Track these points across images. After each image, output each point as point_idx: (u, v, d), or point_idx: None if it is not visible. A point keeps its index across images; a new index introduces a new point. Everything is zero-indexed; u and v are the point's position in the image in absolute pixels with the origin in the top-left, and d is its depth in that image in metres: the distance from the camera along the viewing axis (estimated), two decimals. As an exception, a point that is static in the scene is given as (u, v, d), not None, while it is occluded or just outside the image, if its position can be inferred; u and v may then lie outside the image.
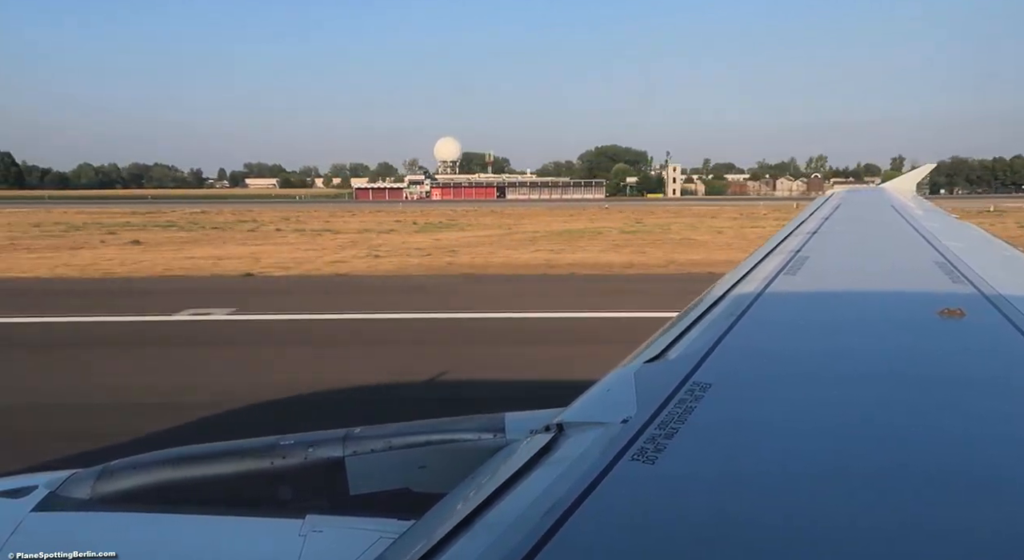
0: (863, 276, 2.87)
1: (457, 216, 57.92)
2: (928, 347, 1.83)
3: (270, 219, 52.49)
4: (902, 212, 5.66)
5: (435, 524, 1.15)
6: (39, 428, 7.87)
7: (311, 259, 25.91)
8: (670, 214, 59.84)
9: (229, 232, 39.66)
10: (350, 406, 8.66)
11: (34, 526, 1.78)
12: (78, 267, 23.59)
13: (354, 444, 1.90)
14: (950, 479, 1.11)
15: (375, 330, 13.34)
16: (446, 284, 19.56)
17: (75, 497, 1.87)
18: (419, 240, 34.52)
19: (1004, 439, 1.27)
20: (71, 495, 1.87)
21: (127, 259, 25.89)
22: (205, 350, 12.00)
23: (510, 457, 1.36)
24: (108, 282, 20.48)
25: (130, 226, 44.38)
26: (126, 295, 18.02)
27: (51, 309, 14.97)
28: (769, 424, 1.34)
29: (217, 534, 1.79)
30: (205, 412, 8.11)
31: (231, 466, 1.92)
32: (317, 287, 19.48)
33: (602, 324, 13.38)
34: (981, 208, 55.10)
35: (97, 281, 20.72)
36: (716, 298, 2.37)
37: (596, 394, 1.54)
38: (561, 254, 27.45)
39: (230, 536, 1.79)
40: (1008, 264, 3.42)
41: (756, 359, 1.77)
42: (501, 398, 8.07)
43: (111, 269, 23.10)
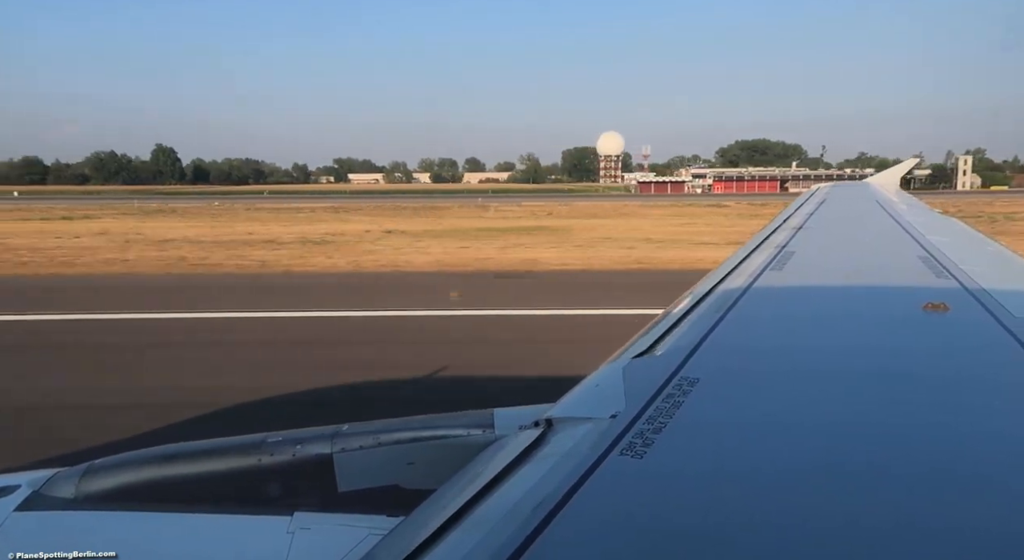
0: (849, 271, 2.89)
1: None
2: (913, 341, 1.85)
3: (565, 213, 50.27)
4: (886, 207, 5.70)
5: (424, 520, 1.15)
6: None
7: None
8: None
9: (565, 233, 34.05)
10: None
11: (17, 525, 1.76)
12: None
13: (342, 441, 1.89)
14: (935, 473, 1.12)
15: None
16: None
17: (59, 496, 1.85)
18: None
19: (988, 433, 1.29)
20: (55, 494, 1.85)
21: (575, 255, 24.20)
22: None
23: (499, 453, 1.36)
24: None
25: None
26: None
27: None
28: (756, 419, 1.34)
29: (204, 532, 1.78)
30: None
31: (218, 464, 1.90)
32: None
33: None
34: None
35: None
36: (703, 293, 2.38)
37: (585, 389, 1.54)
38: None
39: (218, 534, 1.78)
40: (990, 259, 3.46)
41: (743, 354, 1.78)
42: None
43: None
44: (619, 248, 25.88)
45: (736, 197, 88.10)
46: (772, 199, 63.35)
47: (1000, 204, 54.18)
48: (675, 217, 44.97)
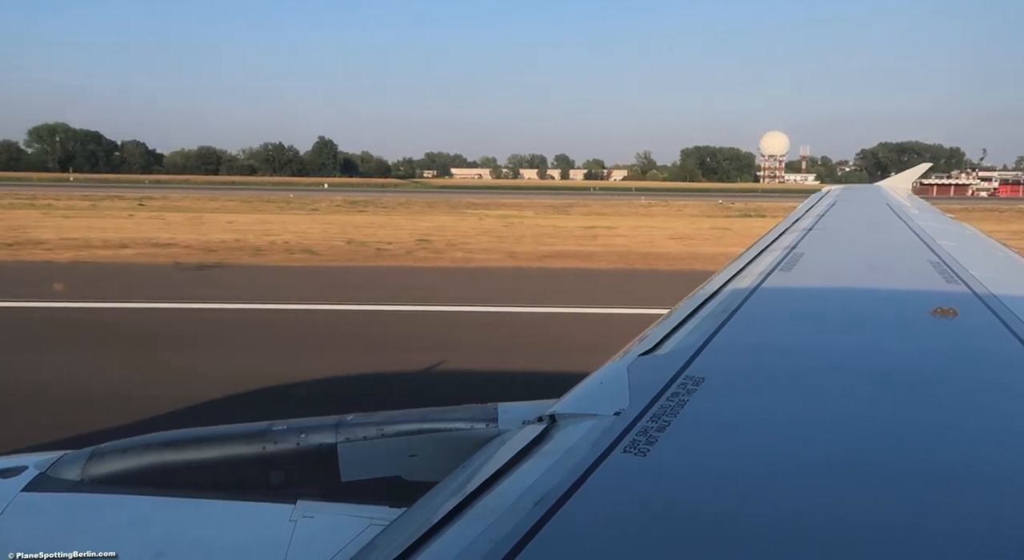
0: (857, 274, 2.87)
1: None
2: (920, 346, 1.84)
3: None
4: (898, 211, 5.68)
5: (426, 512, 1.15)
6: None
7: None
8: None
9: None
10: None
11: (24, 506, 1.78)
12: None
13: (346, 431, 1.90)
14: (940, 475, 1.12)
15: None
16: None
17: (65, 478, 1.87)
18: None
19: (990, 434, 1.29)
20: (61, 476, 1.87)
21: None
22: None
23: (502, 447, 1.36)
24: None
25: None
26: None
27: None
28: (761, 419, 1.34)
29: (207, 518, 1.79)
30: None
31: (223, 450, 1.91)
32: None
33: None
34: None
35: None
36: (711, 293, 2.37)
37: (589, 386, 1.54)
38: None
39: (220, 520, 1.79)
40: (1002, 265, 3.44)
41: (749, 354, 1.77)
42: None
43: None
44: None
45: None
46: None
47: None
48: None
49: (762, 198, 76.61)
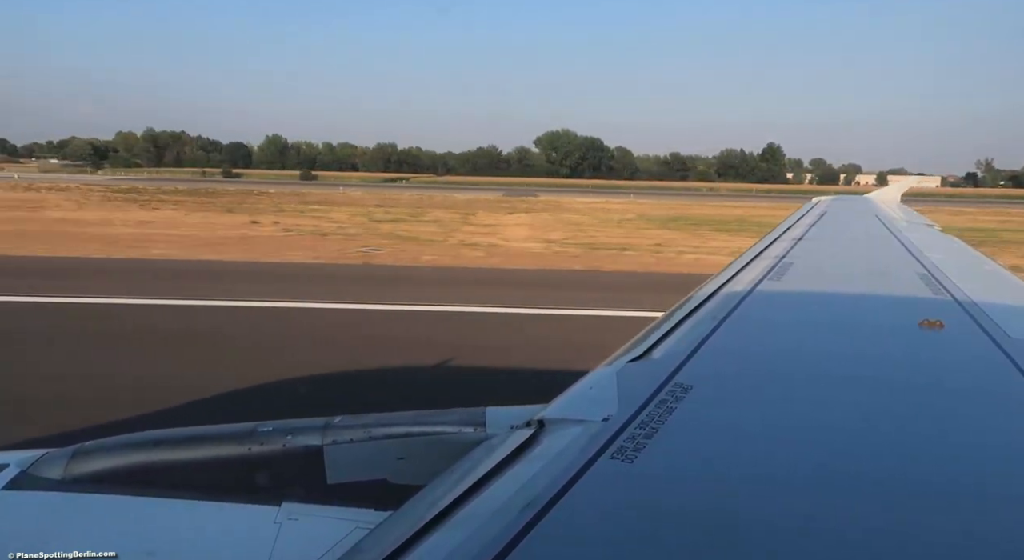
0: (846, 285, 2.90)
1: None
2: (907, 357, 1.86)
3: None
4: (887, 223, 5.72)
5: (412, 516, 1.14)
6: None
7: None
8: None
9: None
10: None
11: (4, 505, 1.76)
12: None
13: (333, 433, 1.89)
14: (925, 483, 1.13)
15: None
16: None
17: (47, 477, 1.84)
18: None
19: (977, 446, 1.30)
20: (43, 475, 1.85)
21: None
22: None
23: (490, 452, 1.35)
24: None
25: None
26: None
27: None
28: (749, 427, 1.35)
29: (192, 519, 1.78)
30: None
31: (207, 451, 1.90)
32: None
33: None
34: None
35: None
36: (701, 300, 2.38)
37: (578, 391, 1.54)
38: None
39: (204, 521, 1.78)
40: (988, 278, 3.47)
41: (738, 362, 1.78)
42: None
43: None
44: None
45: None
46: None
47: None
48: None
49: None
